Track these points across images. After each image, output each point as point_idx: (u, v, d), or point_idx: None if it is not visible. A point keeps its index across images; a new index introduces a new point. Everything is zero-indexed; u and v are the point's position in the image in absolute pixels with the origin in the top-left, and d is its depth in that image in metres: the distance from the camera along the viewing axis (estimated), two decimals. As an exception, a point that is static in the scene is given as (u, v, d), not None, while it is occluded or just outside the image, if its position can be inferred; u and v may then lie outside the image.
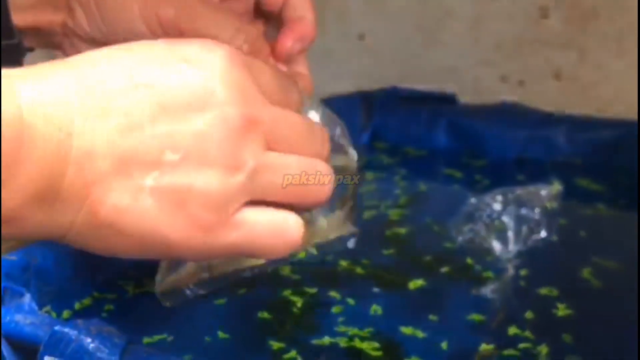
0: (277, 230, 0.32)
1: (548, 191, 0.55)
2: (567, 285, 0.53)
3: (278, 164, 0.31)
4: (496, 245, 0.55)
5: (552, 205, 0.55)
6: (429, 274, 0.54)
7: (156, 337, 0.47)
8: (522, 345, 0.46)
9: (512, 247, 0.55)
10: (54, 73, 0.29)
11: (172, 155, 0.29)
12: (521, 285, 0.53)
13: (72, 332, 0.37)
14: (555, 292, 0.52)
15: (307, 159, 0.32)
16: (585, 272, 0.55)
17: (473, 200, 0.56)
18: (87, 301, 0.51)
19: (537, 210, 0.55)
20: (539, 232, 0.56)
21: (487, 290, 0.52)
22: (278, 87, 0.33)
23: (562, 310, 0.50)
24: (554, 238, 0.56)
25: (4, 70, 0.28)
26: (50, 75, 0.29)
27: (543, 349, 0.46)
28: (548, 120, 0.75)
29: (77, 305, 0.50)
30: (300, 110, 0.35)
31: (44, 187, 0.28)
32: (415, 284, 0.53)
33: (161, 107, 0.29)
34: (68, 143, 0.28)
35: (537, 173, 0.71)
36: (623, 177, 0.71)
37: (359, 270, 0.54)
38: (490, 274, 0.54)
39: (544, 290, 0.52)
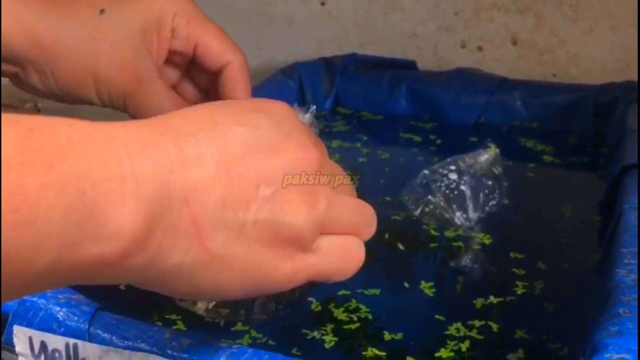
0: (346, 251, 0.35)
1: (488, 156, 0.56)
2: (531, 245, 0.54)
3: (341, 201, 0.34)
4: (458, 215, 0.56)
5: (498, 170, 0.56)
6: (392, 249, 0.55)
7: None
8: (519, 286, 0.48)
9: (473, 215, 0.56)
10: (146, 126, 0.29)
11: (266, 190, 0.31)
12: (492, 252, 0.54)
13: (40, 301, 0.38)
14: (520, 255, 0.53)
15: (358, 200, 0.36)
16: (544, 229, 0.56)
17: (426, 171, 0.57)
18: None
19: (486, 176, 0.56)
20: (494, 198, 0.57)
21: (462, 260, 0.53)
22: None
23: (530, 269, 0.51)
24: (506, 201, 0.58)
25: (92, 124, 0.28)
26: (139, 123, 0.29)
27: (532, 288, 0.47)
28: (505, 85, 0.77)
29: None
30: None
31: (152, 221, 0.27)
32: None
33: (248, 148, 0.31)
34: (172, 179, 0.28)
35: (494, 137, 0.73)
36: (572, 138, 0.73)
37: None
38: (457, 246, 0.54)
39: (512, 254, 0.53)
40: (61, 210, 0.24)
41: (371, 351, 0.43)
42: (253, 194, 0.30)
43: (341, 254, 0.34)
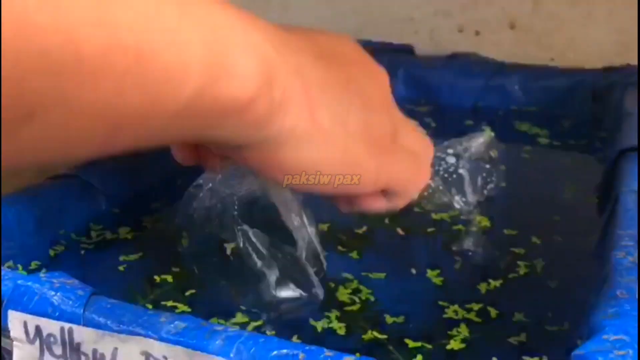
0: (417, 162, 0.39)
1: (483, 139, 0.56)
2: (529, 228, 0.54)
3: (408, 129, 0.40)
4: (457, 199, 0.56)
5: (495, 153, 0.56)
6: (392, 233, 0.54)
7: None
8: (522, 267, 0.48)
9: (471, 198, 0.56)
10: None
11: (361, 99, 0.35)
12: (491, 235, 0.54)
13: (35, 286, 0.38)
14: (519, 239, 0.53)
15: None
16: (542, 213, 0.56)
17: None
18: (49, 255, 0.51)
19: (484, 159, 0.56)
20: (492, 181, 0.57)
21: (463, 244, 0.53)
22: None
23: (528, 252, 0.52)
24: (503, 184, 0.57)
25: None
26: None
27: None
28: (502, 69, 0.77)
29: (40, 260, 0.50)
30: None
31: (274, 76, 0.29)
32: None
33: (349, 59, 0.37)
34: (282, 52, 0.30)
35: (491, 121, 0.73)
36: (570, 122, 0.73)
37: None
38: (457, 230, 0.54)
39: (511, 237, 0.53)
40: (199, 44, 0.26)
41: (371, 333, 0.43)
42: (352, 99, 0.34)
43: (414, 163, 0.39)
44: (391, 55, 0.81)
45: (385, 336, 0.43)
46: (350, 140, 0.34)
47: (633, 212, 0.46)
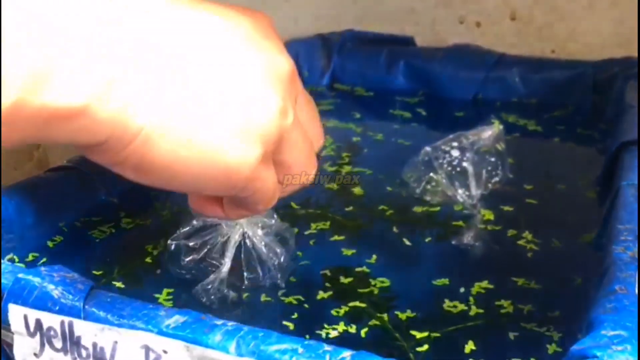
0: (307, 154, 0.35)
1: (491, 132, 0.56)
2: (531, 222, 0.54)
3: (306, 130, 0.34)
4: (460, 193, 0.56)
5: (502, 146, 0.56)
6: (394, 226, 0.54)
7: (118, 284, 0.48)
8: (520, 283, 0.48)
9: (475, 192, 0.56)
10: None
11: (240, 80, 0.30)
12: (494, 229, 0.54)
13: (35, 279, 0.38)
14: (521, 232, 0.53)
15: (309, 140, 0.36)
16: (544, 205, 0.56)
17: (428, 148, 0.56)
18: (49, 248, 0.51)
19: (490, 152, 0.56)
20: (497, 175, 0.56)
21: (464, 238, 0.53)
22: None
23: (529, 246, 0.51)
24: (510, 176, 0.57)
25: None
26: None
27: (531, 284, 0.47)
28: (503, 61, 0.77)
29: (38, 252, 0.50)
30: None
31: (119, 75, 0.27)
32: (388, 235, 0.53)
33: (226, 37, 0.31)
34: (142, 41, 0.28)
35: (492, 113, 0.73)
36: (571, 114, 0.73)
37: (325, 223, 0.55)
38: (459, 223, 0.54)
39: (513, 231, 0.53)
40: (30, 46, 0.25)
41: (368, 322, 0.44)
42: (225, 81, 0.30)
43: (308, 148, 0.35)
44: (392, 47, 0.81)
45: (390, 327, 0.43)
46: (218, 138, 0.30)
47: (633, 207, 0.45)
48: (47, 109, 0.26)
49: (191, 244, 0.46)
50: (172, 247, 0.46)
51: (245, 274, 0.46)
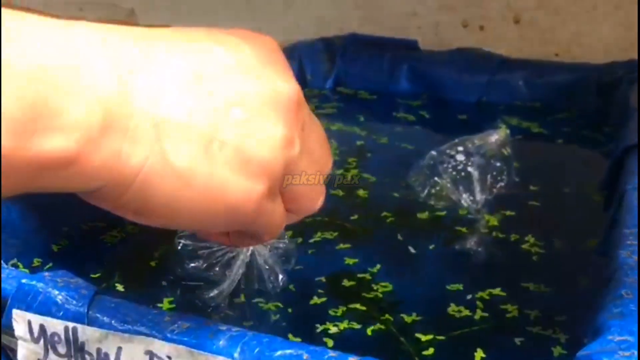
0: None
1: (498, 136, 0.55)
2: (536, 227, 0.54)
3: (313, 157, 0.32)
4: (465, 197, 0.55)
5: (508, 151, 0.56)
6: (397, 230, 0.54)
7: (120, 287, 0.48)
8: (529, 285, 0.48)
9: (479, 197, 0.56)
10: (110, 27, 0.28)
11: (238, 113, 0.29)
12: (497, 234, 0.54)
13: (39, 285, 0.38)
14: (525, 237, 0.53)
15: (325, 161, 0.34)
16: (548, 210, 0.56)
17: (433, 152, 0.56)
18: (53, 251, 0.51)
19: (495, 157, 0.56)
20: (502, 180, 0.56)
21: (467, 243, 0.53)
22: None
23: (535, 251, 0.51)
24: (515, 182, 0.57)
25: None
26: (107, 27, 0.28)
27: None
28: (507, 64, 0.76)
29: (43, 258, 0.50)
30: None
31: (110, 119, 0.26)
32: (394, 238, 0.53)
33: (223, 67, 0.29)
34: (134, 78, 0.27)
35: (496, 116, 0.72)
36: (575, 118, 0.73)
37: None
38: (464, 228, 0.54)
39: (517, 236, 0.53)
40: (12, 96, 0.23)
41: (373, 325, 0.44)
42: (223, 115, 0.28)
43: (315, 178, 0.33)
44: (395, 51, 0.81)
45: (395, 330, 0.43)
46: (217, 178, 0.28)
47: (637, 211, 0.45)
48: (38, 158, 0.25)
49: (200, 251, 0.46)
50: (179, 246, 0.46)
51: (242, 286, 0.46)
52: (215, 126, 0.28)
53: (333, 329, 0.43)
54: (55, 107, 0.24)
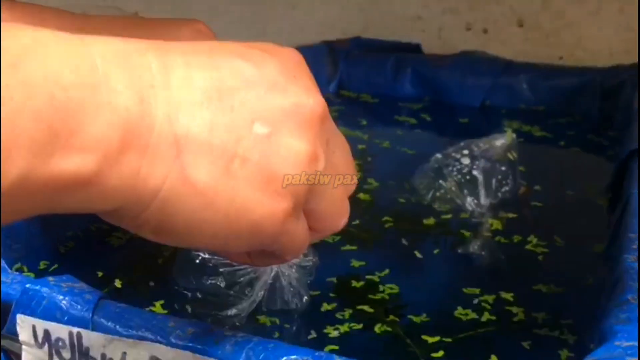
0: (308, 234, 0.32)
1: (503, 141, 0.55)
2: (540, 230, 0.54)
3: (338, 173, 0.31)
4: (469, 201, 0.55)
5: (514, 155, 0.56)
6: (402, 233, 0.54)
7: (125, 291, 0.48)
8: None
9: (484, 200, 0.55)
10: (128, 41, 0.27)
11: (260, 128, 0.28)
12: (502, 238, 0.54)
13: (43, 290, 0.38)
14: (529, 241, 0.53)
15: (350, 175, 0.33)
16: (553, 214, 0.56)
17: (438, 155, 0.56)
18: (58, 254, 0.51)
19: (501, 161, 0.56)
20: (507, 184, 0.56)
21: (470, 247, 0.53)
22: None
23: (540, 254, 0.51)
24: (523, 185, 0.57)
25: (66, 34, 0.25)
26: (125, 41, 0.27)
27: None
28: (511, 68, 0.76)
29: (48, 262, 0.50)
30: None
31: (130, 137, 0.25)
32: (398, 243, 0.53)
33: (246, 81, 0.28)
34: (153, 93, 0.26)
35: (500, 120, 0.72)
36: (579, 121, 0.73)
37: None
38: (467, 232, 0.54)
39: (521, 239, 0.53)
40: (30, 115, 0.23)
41: (380, 328, 0.44)
42: (245, 130, 0.27)
43: (341, 193, 0.32)
44: (399, 54, 0.81)
45: (402, 332, 0.43)
46: (239, 197, 0.27)
47: (644, 215, 0.45)
48: (56, 179, 0.24)
49: (221, 269, 0.44)
50: (198, 259, 0.45)
51: (264, 308, 0.45)
52: (237, 142, 0.27)
53: (340, 331, 0.43)
54: (74, 127, 0.24)
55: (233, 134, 0.27)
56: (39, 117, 0.23)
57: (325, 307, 0.46)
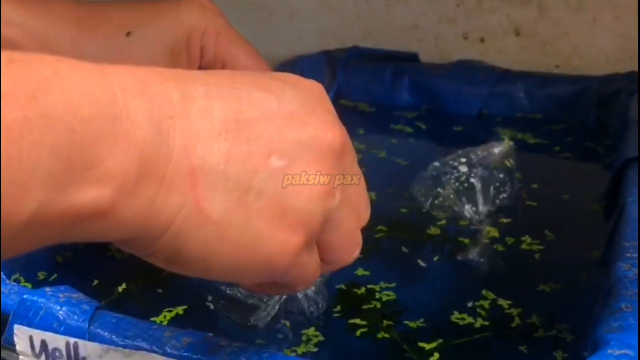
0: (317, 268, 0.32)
1: (501, 148, 0.56)
2: (538, 238, 0.54)
3: (352, 206, 0.31)
4: (467, 208, 0.56)
5: (511, 163, 0.56)
6: (401, 241, 0.55)
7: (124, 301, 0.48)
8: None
9: (482, 208, 0.56)
10: (148, 69, 0.27)
11: (277, 161, 0.28)
12: (500, 245, 0.54)
13: (40, 300, 0.38)
14: (526, 248, 0.53)
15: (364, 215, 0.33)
16: (549, 222, 0.56)
17: (436, 163, 0.56)
18: (58, 264, 0.51)
19: (498, 168, 0.56)
20: (505, 191, 0.56)
21: (469, 254, 0.53)
22: None
23: (537, 261, 0.52)
24: (517, 194, 0.57)
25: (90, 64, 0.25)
26: (142, 66, 0.27)
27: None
28: (508, 76, 0.77)
29: (46, 273, 0.50)
30: None
31: (147, 168, 0.25)
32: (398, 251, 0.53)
33: (264, 113, 0.28)
34: (171, 125, 0.26)
35: (497, 128, 0.73)
36: (576, 129, 0.73)
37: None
38: (466, 239, 0.54)
39: (519, 246, 0.53)
40: (48, 148, 0.23)
41: (381, 335, 0.44)
42: (262, 162, 0.27)
43: (353, 226, 0.32)
44: (396, 63, 0.81)
45: (398, 338, 0.43)
46: (252, 230, 0.27)
47: (637, 223, 0.45)
48: (72, 211, 0.24)
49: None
50: None
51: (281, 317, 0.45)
52: (252, 175, 0.27)
53: (337, 338, 0.44)
54: (91, 158, 0.24)
55: (249, 166, 0.27)
56: (57, 149, 0.23)
57: (325, 314, 0.46)
